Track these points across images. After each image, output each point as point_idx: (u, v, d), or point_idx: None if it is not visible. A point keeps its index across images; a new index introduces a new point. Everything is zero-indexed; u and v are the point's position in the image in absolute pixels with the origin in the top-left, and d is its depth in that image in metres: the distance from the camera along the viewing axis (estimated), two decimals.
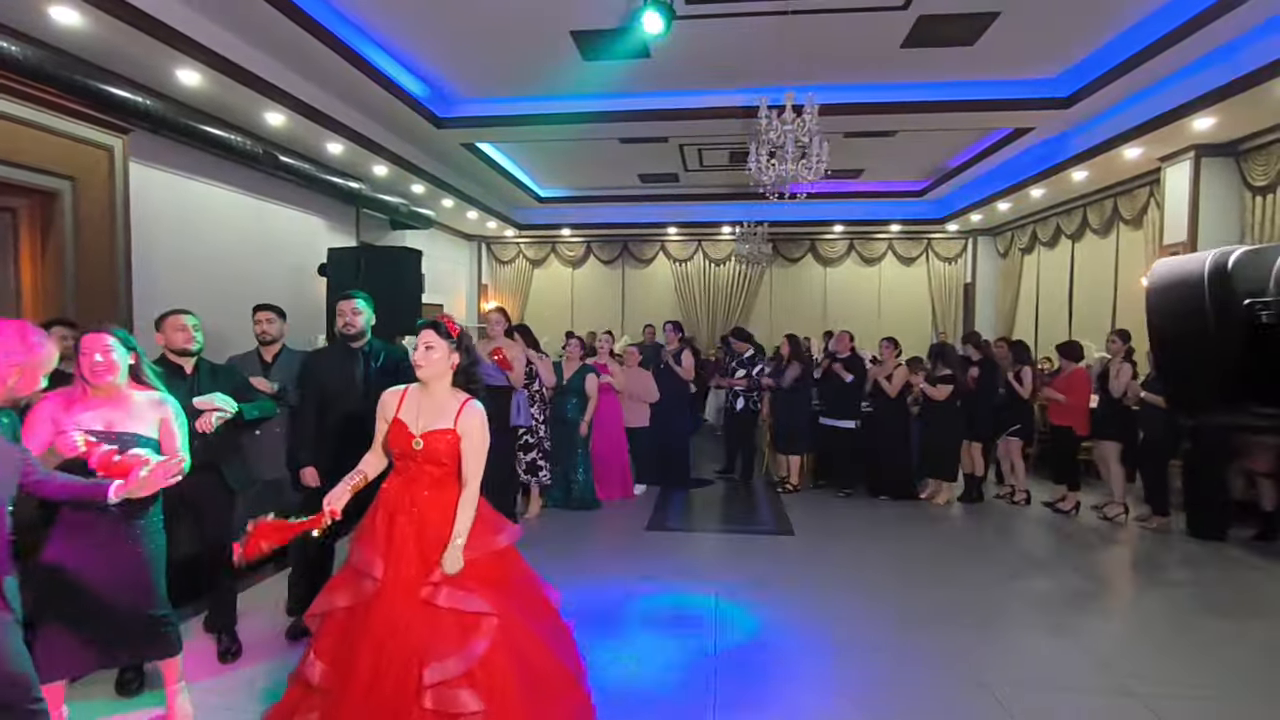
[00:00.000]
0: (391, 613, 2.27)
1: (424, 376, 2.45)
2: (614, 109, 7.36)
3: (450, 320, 2.51)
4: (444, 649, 2.22)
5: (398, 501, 2.41)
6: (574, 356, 6.07)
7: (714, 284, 12.98)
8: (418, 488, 2.41)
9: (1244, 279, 0.90)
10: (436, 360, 2.43)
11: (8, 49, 4.23)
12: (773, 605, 4.07)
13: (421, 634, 2.24)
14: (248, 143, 6.27)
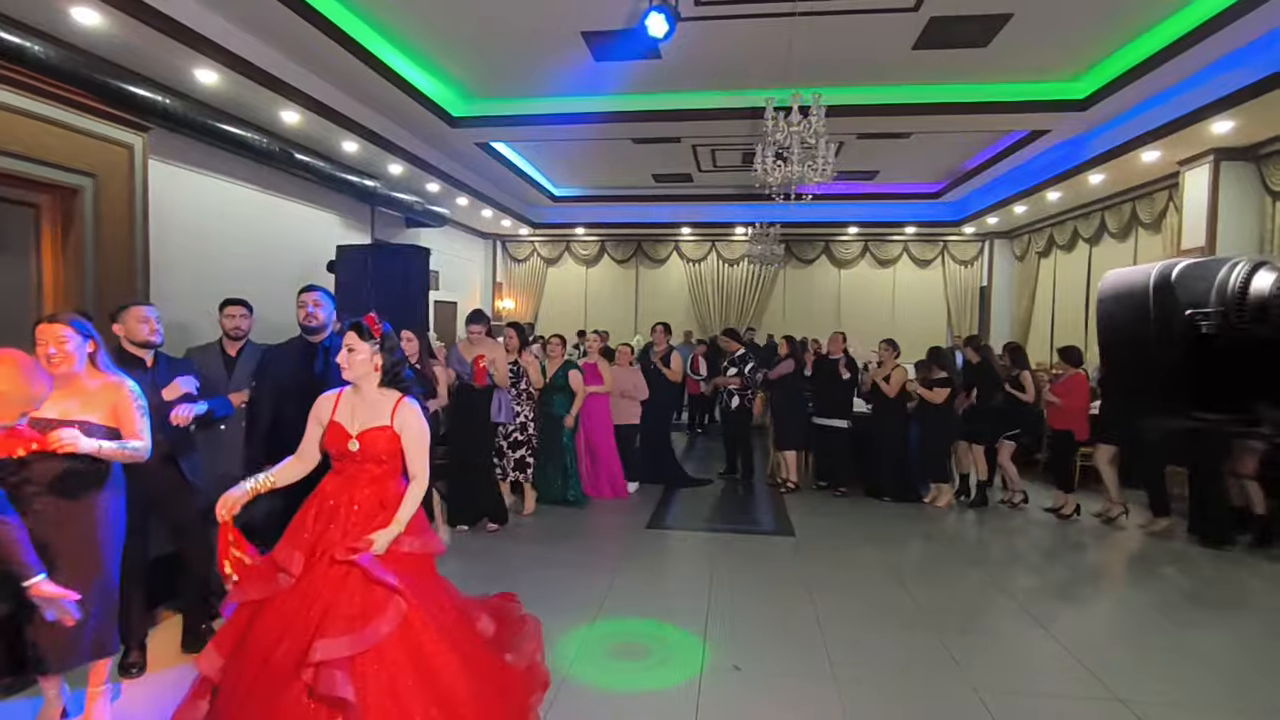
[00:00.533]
0: (303, 589, 2.23)
1: (350, 379, 2.44)
2: (625, 109, 7.40)
3: (373, 320, 2.48)
4: (340, 625, 2.12)
5: (336, 500, 2.37)
6: (556, 354, 6.09)
7: (727, 284, 12.98)
8: (357, 487, 2.38)
9: (1187, 290, 0.92)
10: (359, 362, 2.41)
11: (31, 48, 4.36)
12: (766, 606, 4.08)
13: (325, 603, 2.17)
14: (264, 141, 6.38)
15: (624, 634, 3.68)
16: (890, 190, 11.40)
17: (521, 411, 5.63)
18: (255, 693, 2.12)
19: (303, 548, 2.28)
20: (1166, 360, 0.93)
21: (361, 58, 5.81)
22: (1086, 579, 4.90)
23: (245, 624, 2.28)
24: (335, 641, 2.07)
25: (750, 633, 3.71)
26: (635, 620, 3.86)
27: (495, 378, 5.19)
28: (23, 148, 4.53)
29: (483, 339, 5.31)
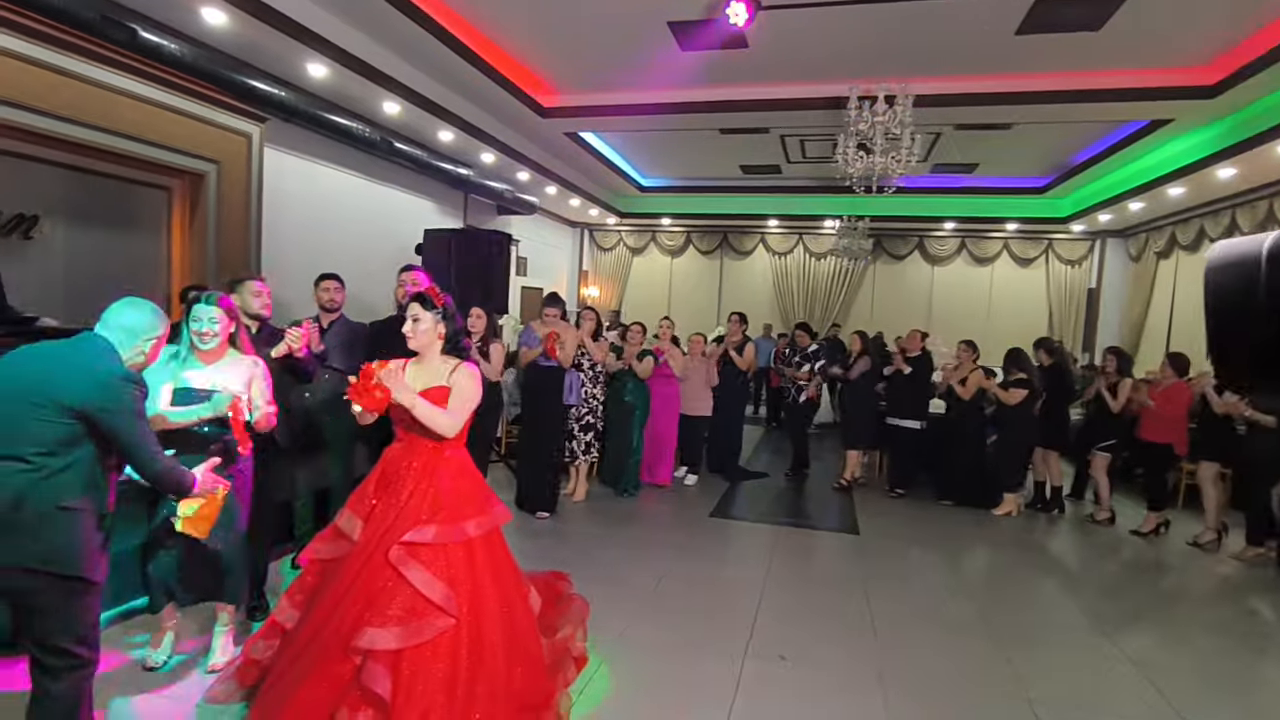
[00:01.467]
0: (360, 568, 2.32)
1: (415, 347, 2.55)
2: (712, 100, 7.38)
3: (435, 291, 2.60)
4: (385, 617, 2.21)
5: (397, 465, 2.47)
6: (636, 341, 6.14)
7: (813, 278, 12.71)
8: (416, 454, 2.47)
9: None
10: (423, 331, 2.52)
11: (167, 47, 4.81)
12: (821, 601, 4.05)
13: (376, 593, 2.25)
14: (367, 130, 6.78)
15: (670, 617, 3.73)
16: (991, 184, 10.83)
17: (594, 394, 5.72)
18: (310, 649, 2.28)
19: (363, 514, 2.42)
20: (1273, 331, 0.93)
21: (457, 50, 6.07)
22: (1164, 601, 4.58)
23: (315, 581, 2.47)
24: (384, 633, 2.17)
25: (801, 626, 3.70)
26: (683, 605, 3.91)
27: (562, 356, 5.25)
28: (159, 136, 5.03)
29: (556, 321, 5.41)
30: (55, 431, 1.88)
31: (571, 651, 2.95)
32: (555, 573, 3.63)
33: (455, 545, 2.36)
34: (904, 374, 6.48)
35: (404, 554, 2.27)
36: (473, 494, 2.50)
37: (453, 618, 2.26)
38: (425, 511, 2.36)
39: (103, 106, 4.64)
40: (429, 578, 2.26)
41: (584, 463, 5.84)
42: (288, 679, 2.27)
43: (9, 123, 4.15)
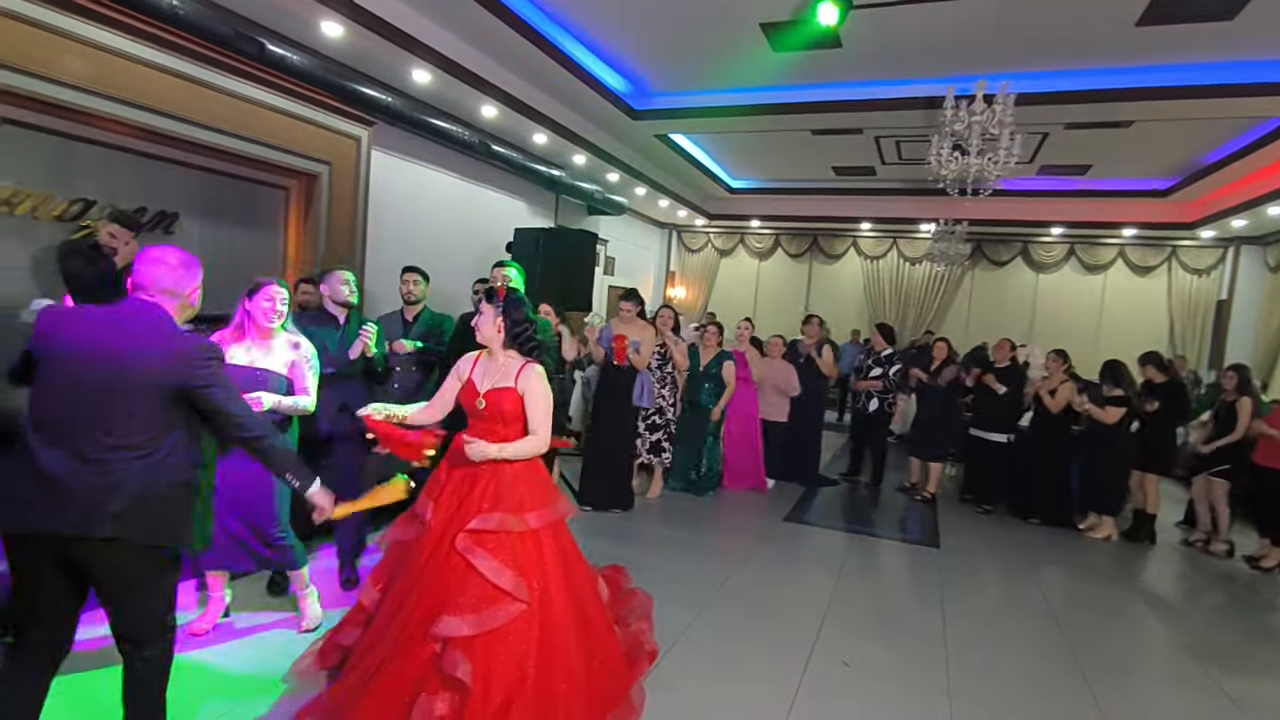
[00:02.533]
0: (434, 552, 2.41)
1: (480, 340, 2.64)
2: (803, 100, 7.29)
3: (502, 288, 2.69)
4: (461, 605, 2.30)
5: (463, 454, 2.53)
6: (712, 343, 6.05)
7: (907, 284, 12.29)
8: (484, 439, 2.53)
9: None
10: (486, 323, 2.61)
11: (290, 58, 5.22)
12: (893, 612, 3.94)
13: (448, 581, 2.34)
14: (465, 133, 7.11)
15: (735, 617, 3.73)
16: (1105, 187, 10.12)
17: (665, 396, 5.71)
18: (388, 632, 2.39)
19: (435, 495, 2.54)
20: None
21: (552, 55, 6.27)
22: (1275, 636, 4.16)
23: (395, 564, 2.60)
24: (459, 620, 2.27)
25: (869, 635, 3.62)
26: (750, 605, 3.90)
27: (635, 360, 5.25)
28: (280, 140, 5.47)
29: (633, 319, 5.42)
30: (156, 413, 1.91)
31: (645, 644, 3.01)
32: (614, 566, 3.70)
33: (522, 535, 2.43)
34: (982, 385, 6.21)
35: (470, 543, 2.36)
36: (535, 487, 2.57)
37: (524, 603, 2.33)
38: (489, 501, 2.44)
39: (234, 113, 5.10)
40: (497, 565, 2.34)
41: (657, 463, 5.82)
42: (369, 661, 2.38)
43: (154, 129, 4.63)
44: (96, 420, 1.86)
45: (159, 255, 2.03)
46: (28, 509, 1.83)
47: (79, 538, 1.83)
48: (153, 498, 1.89)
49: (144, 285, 1.99)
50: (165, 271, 2.00)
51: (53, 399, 1.88)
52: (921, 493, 6.70)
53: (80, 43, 4.11)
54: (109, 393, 1.86)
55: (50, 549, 1.88)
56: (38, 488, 1.82)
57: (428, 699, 2.20)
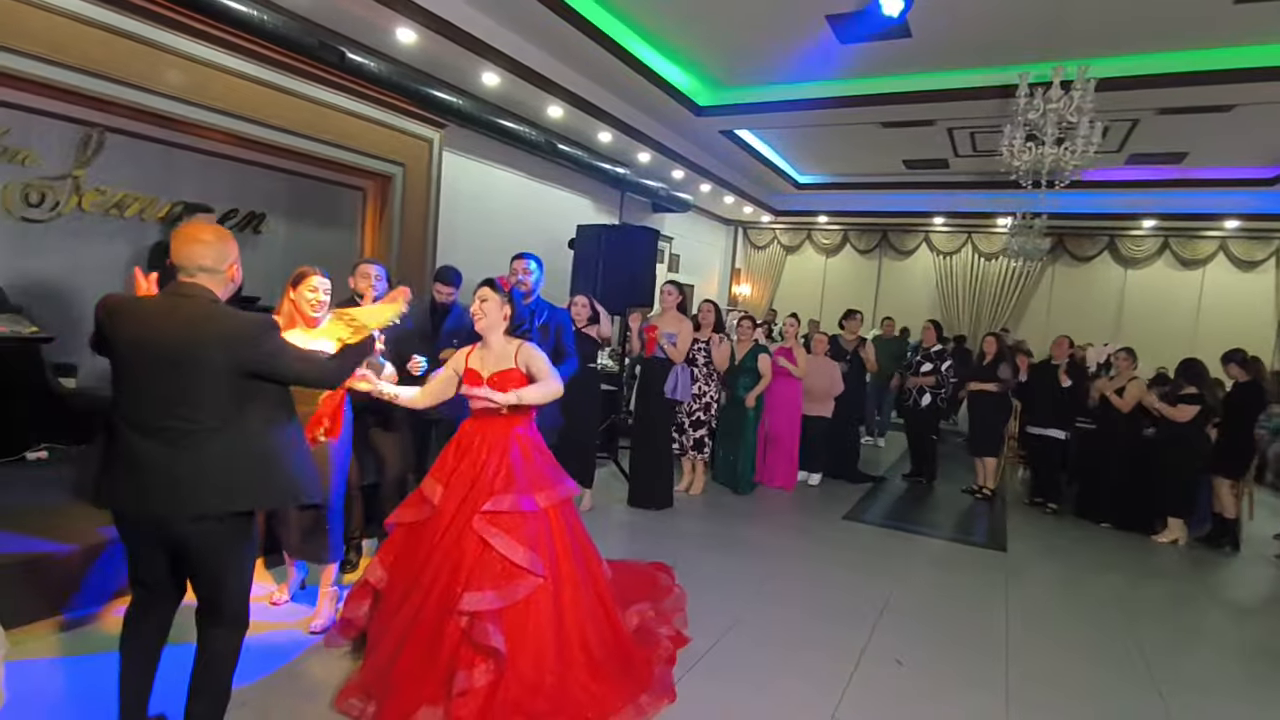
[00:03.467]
0: (446, 533, 2.50)
1: (482, 328, 2.70)
2: (872, 92, 7.13)
3: (503, 278, 2.77)
4: (484, 581, 2.40)
5: (473, 439, 2.66)
6: (745, 336, 5.95)
7: (982, 280, 11.83)
8: (490, 426, 2.66)
9: None
10: (490, 311, 2.68)
11: (368, 65, 5.47)
12: (952, 613, 3.84)
13: (468, 560, 2.43)
14: (532, 133, 7.28)
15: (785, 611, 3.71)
16: (1203, 176, 9.45)
17: (707, 391, 5.65)
18: (403, 610, 2.50)
19: (443, 480, 2.63)
20: None
21: (616, 53, 6.33)
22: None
23: (400, 544, 2.70)
24: (482, 595, 2.37)
25: (926, 637, 3.54)
26: (800, 602, 3.87)
27: (669, 352, 5.18)
28: (356, 143, 5.75)
29: (672, 310, 5.38)
30: (222, 391, 1.92)
31: (664, 628, 3.08)
32: (658, 564, 3.77)
33: (533, 514, 2.53)
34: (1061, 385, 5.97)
35: (486, 523, 2.46)
36: (542, 469, 2.66)
37: (541, 577, 2.45)
38: (500, 483, 2.53)
39: (316, 119, 5.39)
40: (512, 543, 2.44)
41: (698, 458, 5.77)
42: (389, 639, 2.48)
43: (245, 135, 4.95)
44: (163, 402, 1.89)
45: (193, 234, 2.02)
46: (119, 488, 1.92)
47: (165, 515, 1.91)
48: (235, 469, 1.93)
49: (182, 265, 1.98)
50: (201, 249, 1.98)
51: (122, 383, 1.94)
52: (981, 489, 6.53)
53: (179, 56, 4.44)
54: (168, 378, 1.88)
55: (145, 525, 1.97)
56: (124, 468, 1.91)
57: (465, 671, 2.29)
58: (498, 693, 2.30)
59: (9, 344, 3.94)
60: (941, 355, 6.69)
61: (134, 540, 2.03)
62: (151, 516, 1.93)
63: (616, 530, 4.81)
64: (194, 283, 1.97)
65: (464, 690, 2.27)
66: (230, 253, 2.04)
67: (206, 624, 2.05)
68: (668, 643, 2.98)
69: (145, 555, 2.04)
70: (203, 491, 1.90)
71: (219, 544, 1.97)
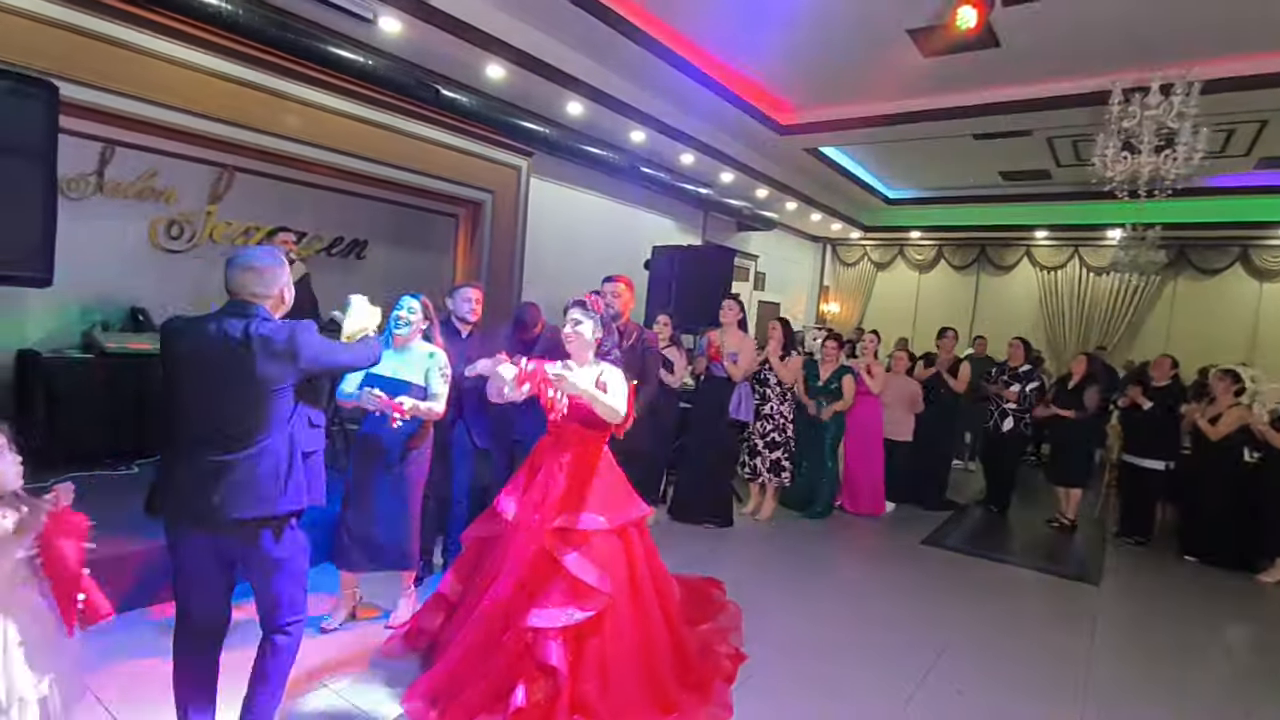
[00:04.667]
0: (516, 549, 2.57)
1: (573, 350, 2.73)
2: (960, 105, 6.93)
3: (595, 299, 2.79)
4: (549, 599, 2.44)
5: (546, 457, 2.71)
6: (831, 356, 5.75)
7: (1091, 296, 11.08)
8: (566, 446, 2.69)
9: None
10: (584, 333, 2.71)
11: (459, 99, 5.84)
12: (1026, 647, 3.64)
13: (537, 576, 2.49)
14: (616, 157, 7.50)
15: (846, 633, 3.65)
16: None
17: (781, 411, 5.51)
18: (473, 624, 2.58)
19: (517, 496, 2.71)
20: None
21: (697, 78, 6.47)
22: None
23: (475, 558, 2.81)
24: (548, 613, 2.42)
25: (995, 670, 3.39)
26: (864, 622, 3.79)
27: (730, 370, 5.10)
28: (450, 173, 6.16)
29: (732, 327, 5.26)
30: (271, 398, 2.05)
31: (722, 646, 3.09)
32: (709, 579, 3.77)
33: (604, 533, 2.57)
34: (1142, 408, 5.54)
35: (557, 541, 2.52)
36: (614, 488, 2.70)
37: (608, 596, 2.48)
38: (571, 502, 2.58)
39: (413, 151, 5.83)
40: (583, 562, 2.48)
41: (775, 483, 5.57)
42: (456, 649, 2.58)
43: (351, 169, 5.43)
44: (218, 417, 2.01)
45: (245, 261, 2.13)
46: (179, 498, 2.04)
47: (221, 522, 2.01)
48: (276, 475, 2.04)
49: (236, 291, 2.11)
50: (253, 276, 2.10)
51: (181, 399, 2.06)
52: (1060, 519, 6.16)
53: (296, 102, 4.94)
54: (222, 393, 2.01)
55: (200, 533, 2.06)
56: (185, 479, 2.03)
57: (526, 685, 2.36)
58: (555, 711, 2.35)
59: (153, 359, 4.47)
60: (1030, 375, 6.30)
61: (183, 549, 2.10)
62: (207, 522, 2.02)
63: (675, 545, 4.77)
64: (246, 301, 2.10)
65: (521, 708, 2.34)
66: (280, 277, 2.16)
67: (265, 621, 2.16)
68: (726, 661, 3.00)
69: (192, 565, 2.10)
70: (247, 497, 2.00)
71: (272, 548, 2.07)
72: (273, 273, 2.13)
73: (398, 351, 3.07)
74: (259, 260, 2.14)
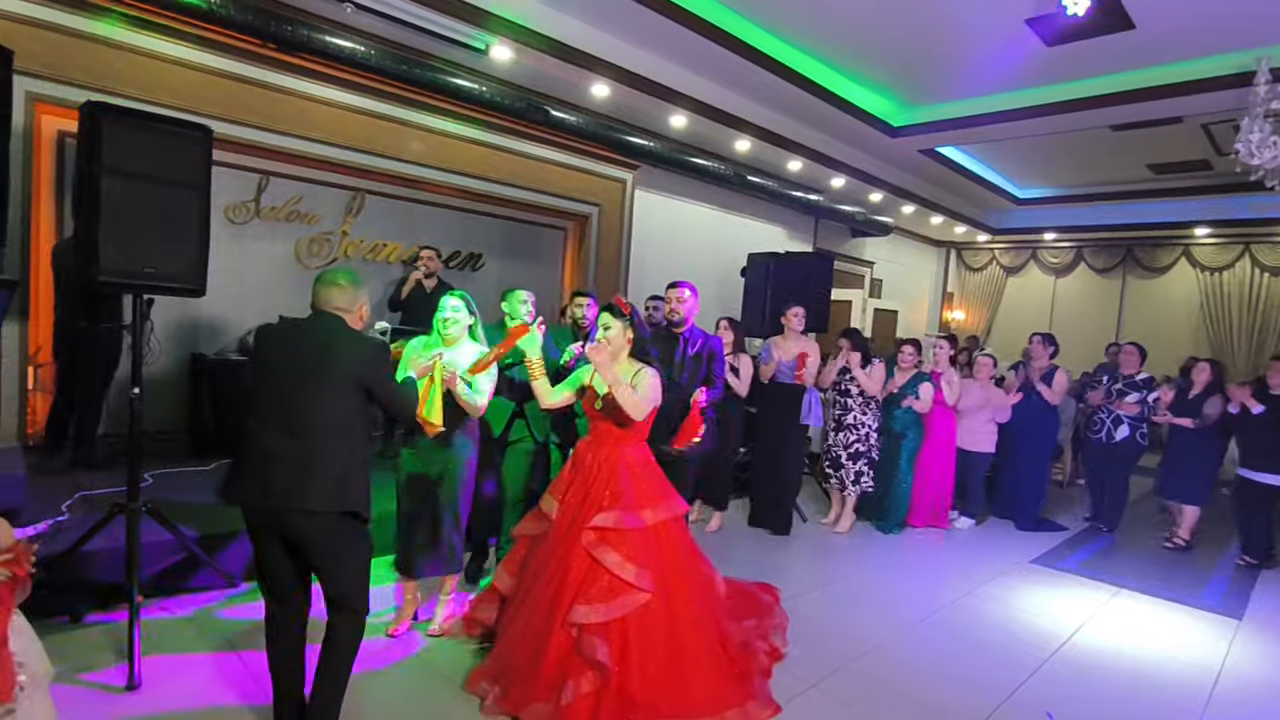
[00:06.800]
0: (559, 546, 2.67)
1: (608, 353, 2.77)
2: (1093, 94, 6.43)
3: (622, 301, 2.85)
4: (593, 595, 2.54)
5: (586, 457, 2.82)
6: (908, 364, 5.46)
7: (1266, 299, 9.82)
8: (602, 446, 2.80)
9: None
10: (614, 337, 2.79)
11: (569, 120, 6.15)
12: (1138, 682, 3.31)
13: (578, 574, 2.58)
14: (721, 167, 7.58)
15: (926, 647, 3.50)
16: None
17: (864, 422, 5.31)
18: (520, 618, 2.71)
19: (559, 496, 2.82)
20: None
21: (801, 85, 6.41)
22: None
23: (524, 554, 2.94)
24: (591, 609, 2.52)
25: (1096, 692, 3.14)
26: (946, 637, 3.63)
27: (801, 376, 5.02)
28: (559, 189, 6.49)
29: (796, 334, 5.17)
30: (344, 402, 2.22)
31: (764, 640, 3.11)
32: (763, 584, 3.74)
33: (642, 530, 2.65)
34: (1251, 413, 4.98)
35: (595, 539, 2.61)
36: (651, 486, 2.79)
37: (648, 592, 2.56)
38: (608, 500, 2.68)
39: (525, 170, 6.21)
40: (620, 560, 2.58)
41: (852, 493, 5.40)
42: (508, 640, 2.72)
43: (469, 189, 5.87)
44: (298, 406, 2.18)
45: (332, 279, 2.34)
46: (250, 484, 2.18)
47: (287, 509, 2.15)
48: (348, 473, 2.19)
49: (321, 307, 2.31)
50: (338, 293, 2.31)
51: (265, 394, 2.23)
52: (1172, 539, 5.62)
53: (420, 129, 5.43)
54: (304, 385, 2.19)
55: (270, 521, 2.20)
56: (258, 466, 2.17)
57: (574, 680, 2.47)
58: (603, 700, 2.46)
59: None
60: (1150, 384, 5.73)
61: (258, 534, 2.26)
62: (273, 509, 2.16)
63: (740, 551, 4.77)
64: (331, 313, 2.30)
65: (571, 701, 2.43)
66: (361, 297, 2.37)
67: (331, 611, 2.27)
68: (764, 657, 3.02)
69: (267, 550, 2.26)
70: (319, 489, 2.14)
71: (333, 539, 2.20)
72: (356, 292, 2.35)
73: (451, 351, 3.08)
74: (345, 279, 2.35)
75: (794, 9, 5.42)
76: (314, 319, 2.31)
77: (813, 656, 3.22)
